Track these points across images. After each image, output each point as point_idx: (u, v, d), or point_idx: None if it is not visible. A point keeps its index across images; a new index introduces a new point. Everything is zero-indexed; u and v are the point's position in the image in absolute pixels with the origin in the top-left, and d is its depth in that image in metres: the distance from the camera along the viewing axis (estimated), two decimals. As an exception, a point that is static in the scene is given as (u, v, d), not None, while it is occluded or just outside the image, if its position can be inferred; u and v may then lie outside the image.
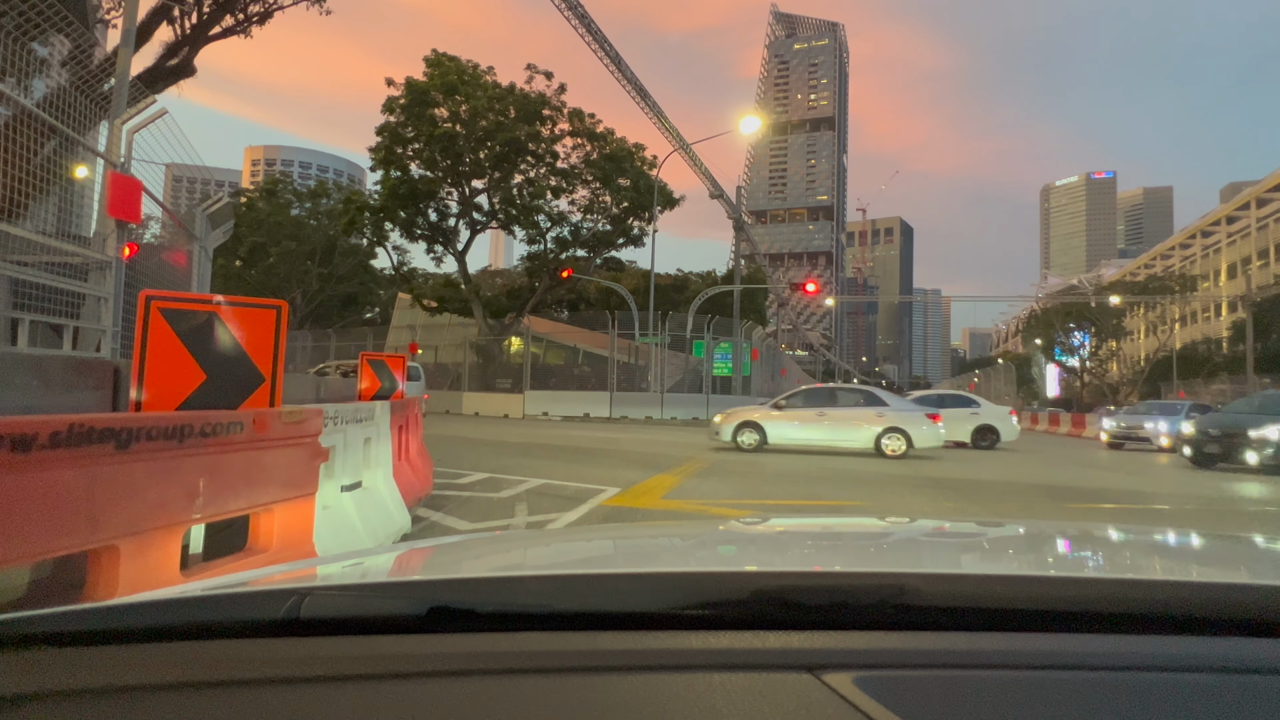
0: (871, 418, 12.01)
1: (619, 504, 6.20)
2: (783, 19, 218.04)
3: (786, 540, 1.44)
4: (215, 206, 8.50)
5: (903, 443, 11.78)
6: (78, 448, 1.88)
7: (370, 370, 6.12)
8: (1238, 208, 68.04)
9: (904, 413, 12.09)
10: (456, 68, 25.54)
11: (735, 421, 12.55)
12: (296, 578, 1.04)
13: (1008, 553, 1.34)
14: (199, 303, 2.87)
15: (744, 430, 12.41)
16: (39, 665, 0.66)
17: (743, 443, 12.34)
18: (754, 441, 12.32)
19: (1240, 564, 1.26)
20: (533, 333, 29.03)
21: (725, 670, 0.65)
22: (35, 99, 5.38)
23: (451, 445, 11.23)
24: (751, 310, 40.07)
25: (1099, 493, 8.27)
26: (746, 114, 29.08)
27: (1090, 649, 0.71)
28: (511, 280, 46.22)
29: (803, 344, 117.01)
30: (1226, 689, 0.66)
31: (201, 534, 2.87)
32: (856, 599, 0.79)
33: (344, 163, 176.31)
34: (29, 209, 5.11)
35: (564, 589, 0.85)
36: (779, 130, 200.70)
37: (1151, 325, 54.07)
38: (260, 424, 2.65)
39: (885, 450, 11.81)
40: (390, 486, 4.48)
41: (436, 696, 0.62)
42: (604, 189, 27.46)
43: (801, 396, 12.83)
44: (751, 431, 12.38)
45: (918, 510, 6.52)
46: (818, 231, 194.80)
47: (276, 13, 14.54)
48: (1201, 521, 6.59)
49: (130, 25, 7.05)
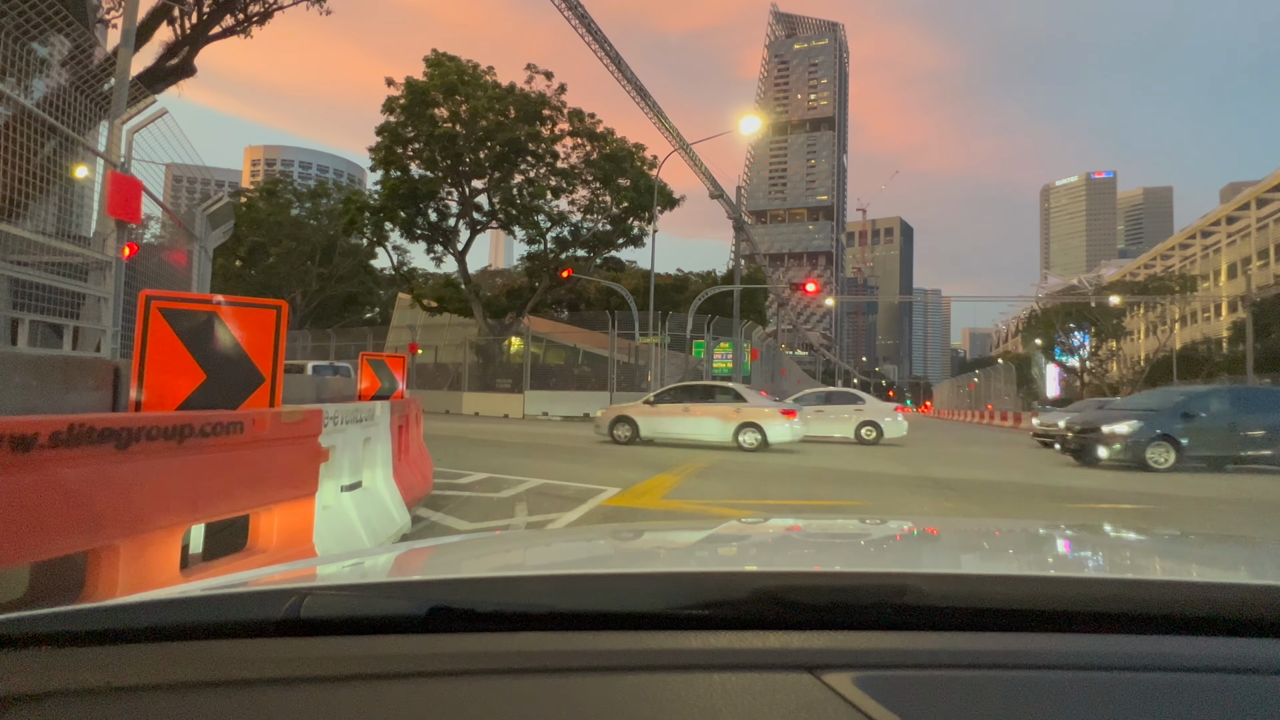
0: (730, 414, 12.75)
1: (619, 504, 6.20)
2: (783, 19, 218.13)
3: (786, 540, 1.44)
4: (215, 206, 8.50)
5: (758, 437, 12.47)
6: (78, 448, 1.88)
7: (370, 370, 6.12)
8: (1238, 208, 68.02)
9: (759, 409, 12.76)
10: (456, 68, 25.54)
11: (612, 416, 13.37)
12: (296, 578, 1.04)
13: (1008, 553, 1.34)
14: (199, 303, 2.87)
15: (619, 425, 13.24)
16: (39, 665, 0.66)
17: (618, 436, 13.15)
18: (627, 435, 13.12)
19: (1240, 564, 1.26)
20: (533, 333, 29.03)
21: (725, 670, 0.65)
22: (35, 99, 5.38)
23: (451, 445, 11.24)
24: (751, 310, 40.09)
25: (1100, 493, 8.27)
26: (746, 114, 29.05)
27: (1090, 649, 0.71)
28: (511, 280, 46.22)
29: (803, 344, 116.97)
30: (1226, 689, 0.66)
31: (201, 534, 2.87)
32: (856, 599, 0.79)
33: (344, 163, 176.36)
34: (29, 209, 5.11)
35: (564, 589, 0.85)
36: (779, 130, 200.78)
37: (1151, 325, 54.09)
38: (260, 424, 2.65)
39: (742, 444, 12.50)
40: (390, 486, 4.48)
41: (436, 696, 0.62)
42: (604, 189, 27.47)
43: (671, 393, 13.57)
44: (625, 426, 13.20)
45: (918, 510, 6.52)
46: (818, 231, 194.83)
47: (276, 13, 14.54)
48: (1202, 522, 6.59)
49: (130, 25, 7.04)
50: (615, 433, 13.23)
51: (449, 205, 28.29)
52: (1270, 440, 11.12)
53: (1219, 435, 11.13)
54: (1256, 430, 11.08)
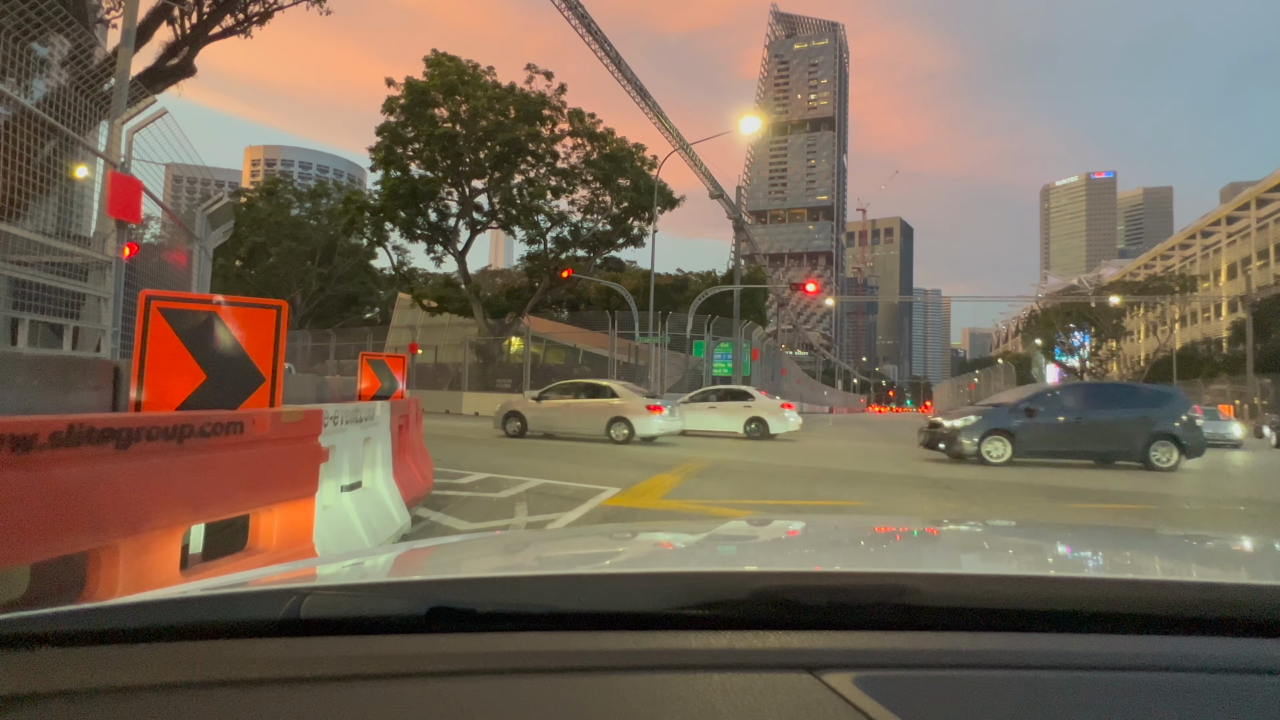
0: (603, 408, 13.69)
1: (619, 504, 6.20)
2: (783, 19, 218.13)
3: (786, 540, 1.44)
4: (215, 206, 8.50)
5: (626, 430, 13.36)
6: (78, 448, 1.88)
7: (370, 370, 6.12)
8: (1238, 208, 68.05)
9: (629, 404, 13.61)
10: (456, 68, 25.53)
11: (505, 411, 14.32)
12: (296, 578, 1.04)
13: (1008, 553, 1.34)
14: (199, 303, 2.87)
15: (510, 419, 14.17)
16: (39, 665, 0.66)
17: (508, 429, 14.07)
18: (517, 428, 14.05)
19: (1240, 564, 1.26)
20: (533, 333, 29.03)
21: (725, 670, 0.65)
22: (35, 99, 5.38)
23: (451, 445, 11.24)
24: (751, 310, 40.08)
25: (1100, 493, 8.27)
26: (746, 114, 29.03)
27: (1090, 649, 0.71)
28: (511, 280, 46.24)
29: (803, 344, 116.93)
30: (1226, 689, 0.66)
31: (201, 534, 2.87)
32: (857, 599, 0.79)
33: (344, 163, 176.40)
34: (29, 209, 5.11)
35: (564, 589, 0.85)
36: (779, 130, 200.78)
37: (1151, 325, 54.12)
38: (260, 424, 2.65)
39: (613, 436, 13.43)
40: (390, 486, 4.48)
41: (436, 696, 0.62)
42: (604, 189, 27.45)
43: (555, 390, 14.53)
44: (515, 419, 14.14)
45: (918, 510, 6.52)
46: (818, 231, 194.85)
47: (276, 13, 14.56)
48: (1198, 521, 6.59)
49: (130, 25, 7.04)
50: (507, 426, 14.10)
51: (449, 205, 28.27)
52: (1103, 435, 11.35)
53: (1054, 431, 11.37)
54: (1091, 425, 11.33)
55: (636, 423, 13.38)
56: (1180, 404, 11.73)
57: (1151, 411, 11.40)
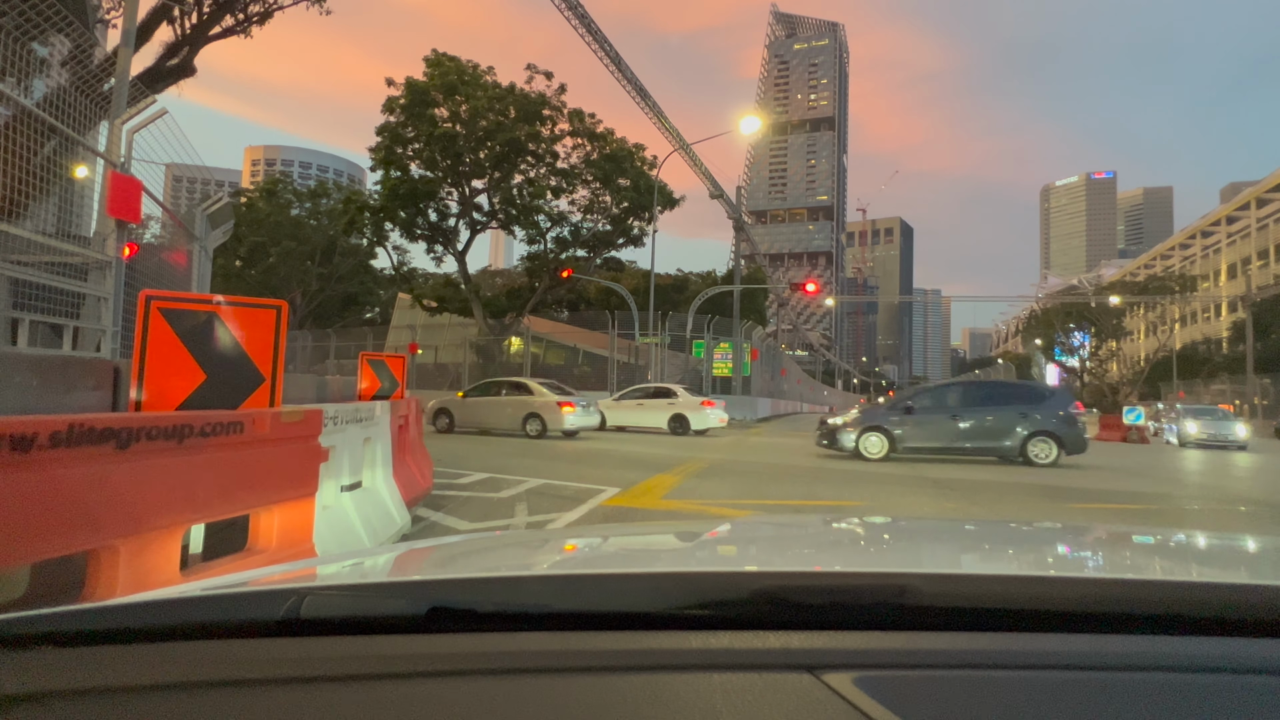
0: (520, 404, 14.58)
1: (619, 504, 6.20)
2: (783, 19, 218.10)
3: (786, 540, 1.44)
4: (215, 206, 8.50)
5: (540, 425, 14.21)
6: (78, 448, 1.88)
7: (370, 370, 6.12)
8: (1238, 208, 68.04)
9: (543, 401, 14.42)
10: (456, 68, 25.52)
11: (436, 408, 15.18)
12: (296, 578, 1.04)
13: (1007, 553, 1.34)
14: (199, 303, 2.87)
15: (439, 415, 15.15)
16: (39, 665, 0.66)
17: (438, 425, 15.01)
18: (445, 423, 15.06)
19: (1240, 564, 1.26)
20: (533, 333, 29.02)
21: (725, 670, 0.65)
22: (35, 99, 5.37)
23: (451, 445, 11.23)
24: (751, 310, 40.07)
25: (1101, 493, 8.27)
26: (746, 114, 29.02)
27: (1090, 649, 0.71)
28: (511, 280, 46.21)
29: (803, 344, 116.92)
30: (1226, 689, 0.66)
31: (201, 534, 2.87)
32: (856, 599, 0.79)
33: (344, 163, 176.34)
34: (29, 209, 5.10)
35: (564, 589, 0.85)
36: (779, 130, 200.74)
37: (1151, 325, 54.05)
38: (260, 424, 2.65)
39: (529, 431, 14.28)
40: (390, 486, 4.48)
41: (436, 696, 0.62)
42: (604, 189, 27.44)
43: (480, 388, 15.55)
44: (444, 416, 15.16)
45: (918, 510, 6.52)
46: (818, 231, 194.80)
47: (276, 13, 14.53)
48: (1198, 522, 6.59)
49: (130, 25, 7.04)
50: (436, 422, 15.03)
51: (449, 205, 28.24)
52: (981, 432, 11.44)
53: (930, 428, 11.53)
54: (966, 423, 11.46)
55: (549, 418, 14.20)
56: (1061, 400, 11.87)
57: (1030, 408, 11.49)
